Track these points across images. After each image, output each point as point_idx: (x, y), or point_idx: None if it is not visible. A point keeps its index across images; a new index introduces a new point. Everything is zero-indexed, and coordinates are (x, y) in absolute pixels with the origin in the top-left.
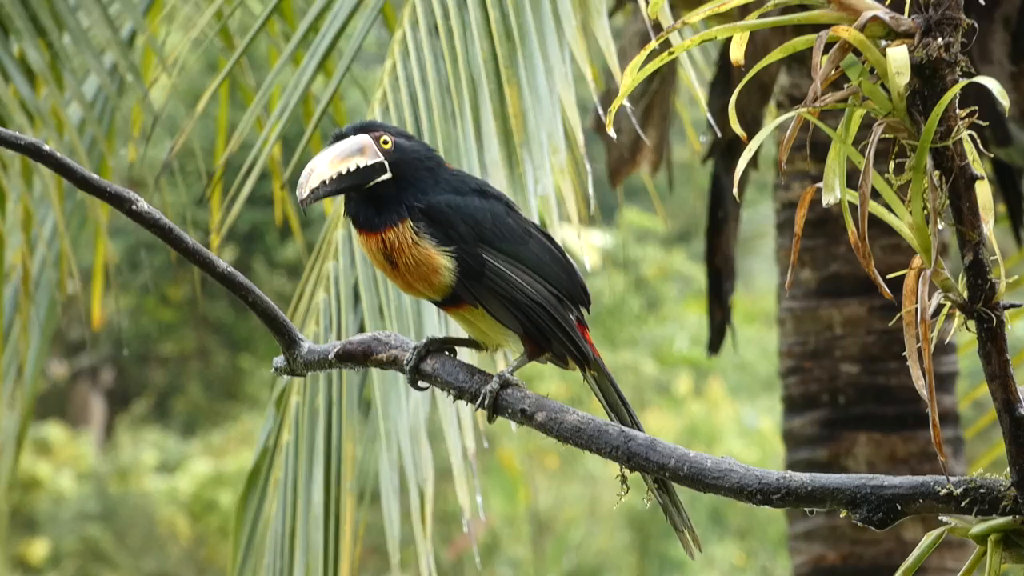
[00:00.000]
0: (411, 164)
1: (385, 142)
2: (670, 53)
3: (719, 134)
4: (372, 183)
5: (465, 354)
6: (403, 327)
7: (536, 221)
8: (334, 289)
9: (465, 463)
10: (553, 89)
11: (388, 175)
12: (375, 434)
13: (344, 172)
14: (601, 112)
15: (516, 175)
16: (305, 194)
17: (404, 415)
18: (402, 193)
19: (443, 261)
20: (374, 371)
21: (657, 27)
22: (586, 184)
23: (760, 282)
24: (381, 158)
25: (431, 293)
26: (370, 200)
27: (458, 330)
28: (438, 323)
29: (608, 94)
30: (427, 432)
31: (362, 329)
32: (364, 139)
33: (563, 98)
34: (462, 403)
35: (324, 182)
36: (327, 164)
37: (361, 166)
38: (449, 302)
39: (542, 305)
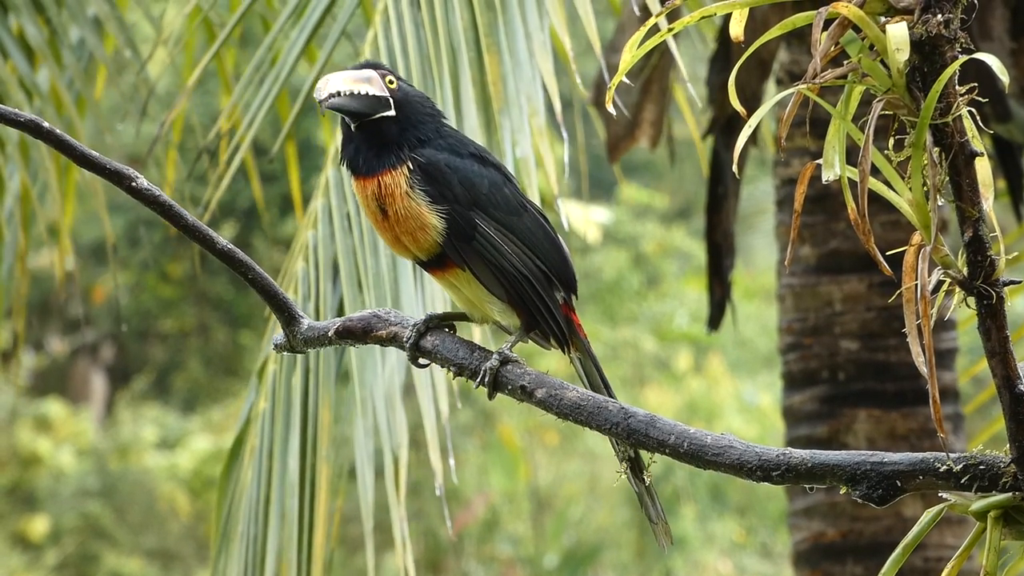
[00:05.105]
0: (414, 106)
1: (391, 81)
2: (670, 29)
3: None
4: (377, 115)
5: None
6: (380, 296)
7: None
8: (312, 258)
9: (438, 426)
10: (532, 54)
11: (392, 112)
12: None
13: (355, 92)
14: (606, 76)
15: (494, 142)
16: (324, 96)
17: (380, 382)
18: (404, 135)
19: (432, 220)
20: None
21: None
22: (575, 154)
23: (760, 258)
24: (386, 93)
25: (416, 250)
26: (372, 141)
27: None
28: (415, 293)
29: (607, 69)
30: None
31: (340, 299)
32: (371, 72)
33: (541, 65)
34: (436, 367)
35: (339, 92)
36: (340, 79)
37: (369, 93)
38: (436, 263)
39: (528, 278)
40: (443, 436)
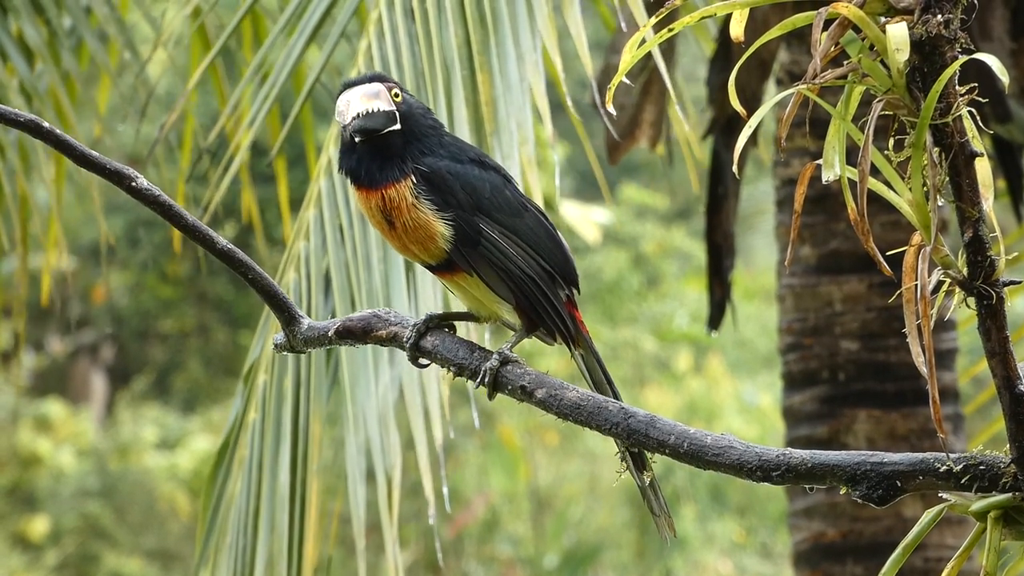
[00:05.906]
0: (417, 119)
1: (396, 94)
2: (670, 30)
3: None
4: (386, 131)
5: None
6: (372, 308)
7: None
8: (304, 269)
9: (431, 453)
10: (524, 78)
11: (398, 126)
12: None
13: (371, 111)
14: (596, 97)
15: None
16: (348, 120)
17: (373, 400)
18: (408, 148)
19: (440, 228)
20: (343, 353)
21: (657, 3)
22: (579, 155)
23: (760, 259)
24: (393, 107)
25: (426, 257)
26: (375, 154)
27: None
28: (407, 306)
29: (608, 69)
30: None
31: (333, 310)
32: (379, 86)
33: (533, 87)
34: (432, 391)
35: (360, 113)
36: (358, 99)
37: (382, 109)
38: (444, 268)
39: (533, 278)
40: (437, 466)
